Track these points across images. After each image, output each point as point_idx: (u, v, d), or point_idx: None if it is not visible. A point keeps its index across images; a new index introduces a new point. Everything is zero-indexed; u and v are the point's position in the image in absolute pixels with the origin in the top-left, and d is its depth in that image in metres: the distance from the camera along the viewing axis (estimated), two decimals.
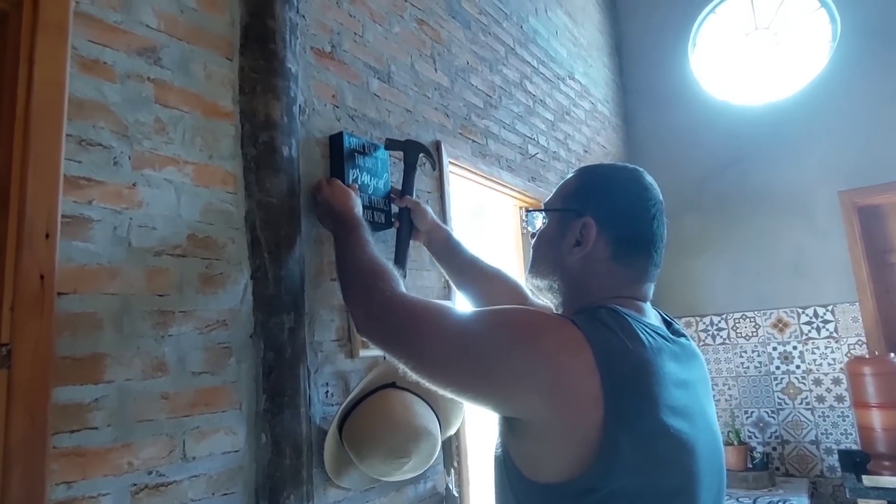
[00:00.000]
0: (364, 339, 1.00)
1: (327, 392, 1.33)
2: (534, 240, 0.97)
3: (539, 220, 0.96)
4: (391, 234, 1.53)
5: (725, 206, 3.45)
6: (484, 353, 0.76)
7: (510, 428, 0.78)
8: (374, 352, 1.44)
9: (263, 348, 1.19)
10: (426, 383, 0.84)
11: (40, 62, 0.94)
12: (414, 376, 0.86)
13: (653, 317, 0.87)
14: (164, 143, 1.11)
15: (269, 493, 1.14)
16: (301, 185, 1.33)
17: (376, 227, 1.52)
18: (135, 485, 0.96)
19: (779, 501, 2.61)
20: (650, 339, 0.77)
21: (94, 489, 0.91)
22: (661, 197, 0.91)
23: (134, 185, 1.05)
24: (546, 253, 0.93)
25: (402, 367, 0.87)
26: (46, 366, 0.87)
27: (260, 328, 1.19)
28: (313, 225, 1.38)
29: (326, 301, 1.38)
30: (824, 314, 3.13)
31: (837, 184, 3.17)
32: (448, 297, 1.78)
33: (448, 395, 0.82)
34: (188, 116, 1.16)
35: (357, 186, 1.38)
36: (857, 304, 3.05)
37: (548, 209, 0.95)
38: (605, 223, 0.86)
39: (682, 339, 0.85)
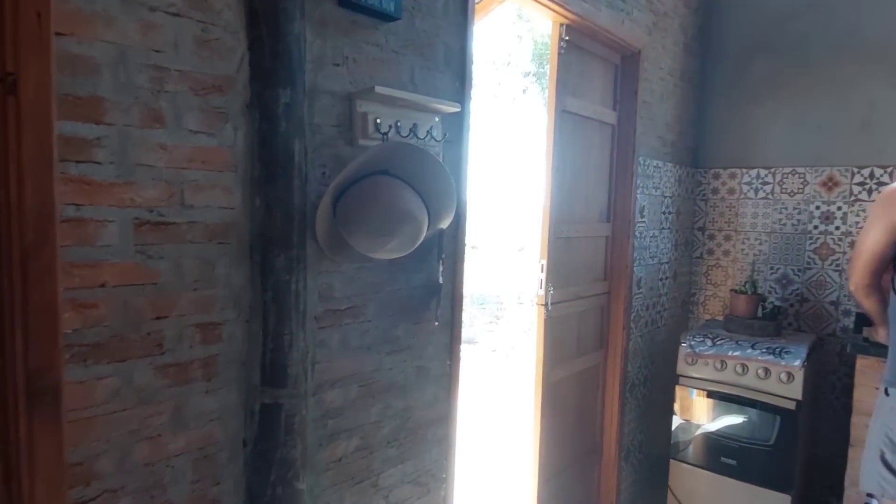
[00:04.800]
0: None
1: (324, 173, 1.41)
2: None
3: None
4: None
5: (803, 48, 3.10)
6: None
7: None
8: (374, 140, 1.49)
9: (259, 119, 1.25)
10: None
11: None
12: None
13: None
14: None
15: (262, 249, 1.28)
16: None
17: (384, 16, 1.48)
18: (137, 218, 1.10)
19: (777, 348, 2.69)
20: None
21: (101, 215, 1.05)
22: None
23: None
24: None
25: None
26: (49, 97, 0.96)
27: (256, 99, 1.25)
28: (318, 4, 1.36)
29: (329, 86, 1.40)
30: (881, 175, 2.93)
31: None
32: None
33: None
34: None
35: None
36: None
37: None
38: None
39: None
